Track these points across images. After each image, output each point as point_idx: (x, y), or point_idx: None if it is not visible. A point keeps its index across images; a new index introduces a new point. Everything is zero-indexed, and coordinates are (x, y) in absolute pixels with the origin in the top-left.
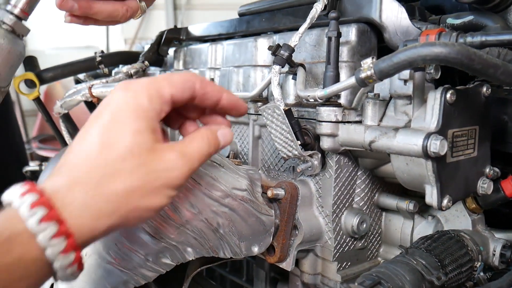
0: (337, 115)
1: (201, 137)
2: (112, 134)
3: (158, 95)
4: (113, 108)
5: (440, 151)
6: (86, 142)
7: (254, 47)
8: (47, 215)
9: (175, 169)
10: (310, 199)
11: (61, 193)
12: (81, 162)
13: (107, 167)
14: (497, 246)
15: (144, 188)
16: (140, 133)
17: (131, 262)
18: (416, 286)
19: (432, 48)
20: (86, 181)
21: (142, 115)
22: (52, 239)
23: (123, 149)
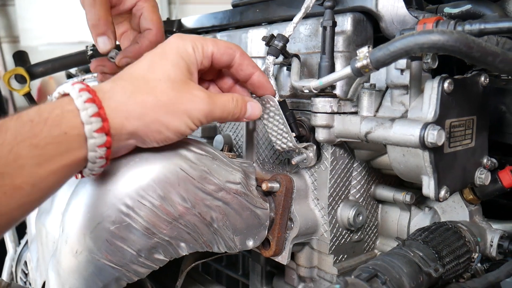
0: (332, 106)
1: (231, 96)
2: (157, 62)
3: (202, 49)
4: (164, 47)
5: (437, 141)
6: (137, 64)
7: (248, 38)
8: (90, 99)
9: (198, 102)
10: (305, 191)
11: (104, 90)
12: (127, 76)
13: (145, 82)
14: (495, 237)
15: (169, 107)
16: (179, 67)
17: (123, 258)
18: (414, 278)
19: (429, 36)
20: (126, 87)
21: (184, 57)
22: (91, 117)
23: (162, 73)
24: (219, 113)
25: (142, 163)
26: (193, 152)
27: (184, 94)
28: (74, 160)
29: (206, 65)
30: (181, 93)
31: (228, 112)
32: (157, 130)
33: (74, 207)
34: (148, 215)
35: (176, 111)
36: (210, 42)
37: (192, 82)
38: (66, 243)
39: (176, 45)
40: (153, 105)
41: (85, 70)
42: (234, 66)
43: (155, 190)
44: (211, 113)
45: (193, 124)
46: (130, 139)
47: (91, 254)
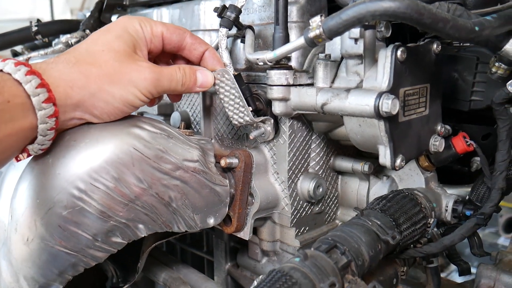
0: (288, 78)
1: (178, 67)
2: (100, 35)
3: (150, 27)
4: (110, 25)
5: (392, 110)
6: (83, 40)
7: (200, 10)
8: (29, 71)
9: (143, 72)
10: (265, 166)
11: (46, 64)
12: (70, 50)
13: (88, 53)
14: (449, 201)
15: (113, 76)
16: (123, 40)
17: (78, 243)
18: (372, 247)
19: (381, 3)
20: (68, 59)
21: (131, 32)
22: (36, 89)
23: (105, 44)
24: (167, 83)
25: (93, 144)
26: (147, 130)
27: (128, 65)
28: (19, 129)
29: (157, 44)
30: (125, 64)
31: (176, 81)
32: (103, 100)
33: (22, 192)
34: (103, 198)
35: (121, 80)
36: (159, 23)
37: (137, 55)
38: (16, 230)
39: (122, 21)
40: (97, 74)
41: (31, 48)
42: (186, 46)
43: (108, 172)
44: (158, 82)
45: (141, 94)
46: (76, 110)
47: (43, 241)
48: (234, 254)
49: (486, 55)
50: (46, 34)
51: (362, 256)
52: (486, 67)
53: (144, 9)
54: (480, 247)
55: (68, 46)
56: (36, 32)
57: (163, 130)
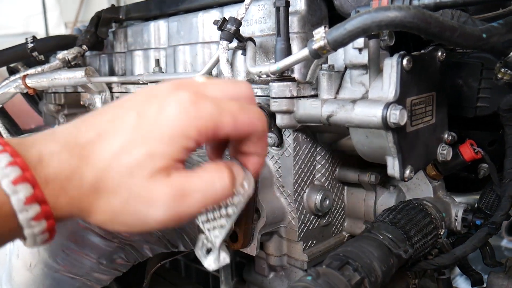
0: (291, 90)
1: (212, 180)
2: (133, 139)
3: (213, 133)
4: (160, 116)
5: (400, 121)
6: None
7: (199, 23)
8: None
9: (158, 208)
10: (270, 179)
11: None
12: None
13: (114, 178)
14: (459, 211)
15: (121, 213)
16: (154, 158)
17: (82, 267)
18: (384, 262)
19: (386, 13)
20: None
21: (176, 142)
22: (31, 221)
23: (126, 164)
24: (194, 212)
25: None
26: None
27: (140, 199)
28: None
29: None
30: (136, 197)
31: (199, 202)
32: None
33: None
34: None
35: (127, 219)
36: (227, 119)
37: (161, 176)
38: (18, 256)
39: (175, 124)
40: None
41: (27, 64)
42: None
43: None
44: (176, 217)
45: (154, 229)
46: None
47: (47, 267)
48: (240, 269)
49: (491, 61)
50: (42, 50)
51: (375, 272)
52: (491, 73)
53: (140, 23)
54: (493, 257)
55: (65, 63)
56: (32, 49)
57: None
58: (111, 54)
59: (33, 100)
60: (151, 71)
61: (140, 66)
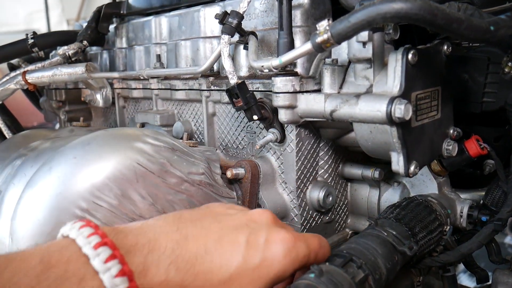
0: (294, 85)
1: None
2: (241, 277)
3: (300, 265)
4: (267, 254)
5: (405, 115)
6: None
7: (200, 17)
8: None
9: None
10: (272, 176)
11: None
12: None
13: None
14: (464, 207)
15: None
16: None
17: None
18: (389, 259)
19: (392, 5)
20: None
21: (275, 280)
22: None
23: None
24: None
25: (94, 160)
26: (150, 144)
27: None
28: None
29: None
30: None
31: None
32: None
33: (23, 214)
34: (106, 216)
35: None
36: (312, 257)
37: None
38: None
39: (278, 265)
40: None
41: (28, 60)
42: None
43: (111, 189)
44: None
45: None
46: None
47: None
48: None
49: (497, 55)
50: (42, 46)
51: (380, 270)
52: (497, 67)
53: (141, 18)
54: (499, 254)
55: (65, 58)
56: (33, 45)
57: (166, 142)
58: (112, 50)
59: (33, 97)
60: (152, 67)
61: (141, 62)
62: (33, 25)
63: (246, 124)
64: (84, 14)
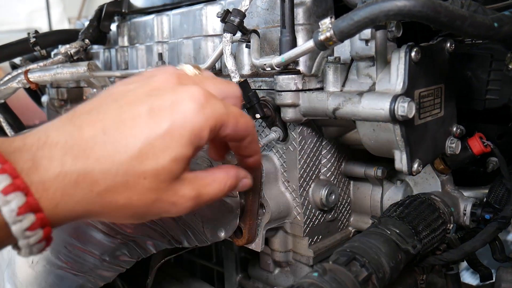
0: (297, 83)
1: (224, 183)
2: (154, 143)
3: (219, 130)
4: (175, 115)
5: (408, 113)
6: (129, 125)
7: (202, 15)
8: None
9: (179, 208)
10: (275, 174)
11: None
12: (105, 153)
13: (125, 175)
14: (467, 205)
15: (139, 213)
16: (178, 162)
17: (85, 264)
18: (392, 258)
19: (395, 2)
20: (96, 182)
21: (194, 144)
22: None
23: (152, 168)
24: (202, 204)
25: None
26: None
27: (167, 199)
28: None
29: None
30: (163, 198)
31: (214, 199)
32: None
33: None
34: None
35: (146, 215)
36: (232, 121)
37: (184, 177)
38: None
39: (192, 123)
40: (122, 207)
41: (30, 59)
42: (238, 145)
43: None
44: (190, 209)
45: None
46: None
47: (49, 263)
48: (245, 265)
49: (500, 52)
50: (44, 45)
51: (383, 268)
52: (500, 64)
53: (143, 16)
54: (502, 252)
55: (67, 57)
56: (34, 44)
57: None
58: (114, 48)
59: (35, 95)
60: (154, 65)
61: (143, 60)
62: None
63: None
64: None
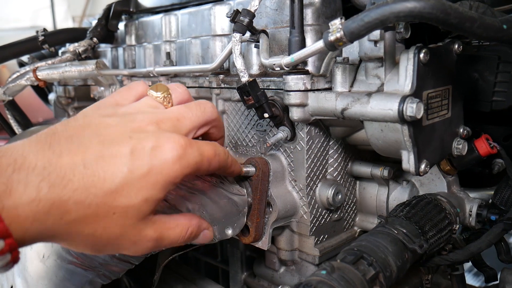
0: (305, 83)
1: (186, 229)
2: (129, 181)
3: (199, 169)
4: (156, 157)
5: (416, 114)
6: (109, 161)
7: (211, 15)
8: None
9: (139, 248)
10: (282, 173)
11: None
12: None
13: (96, 210)
14: (473, 206)
15: (101, 244)
16: (148, 203)
17: (95, 259)
18: (399, 257)
19: (405, 4)
20: (68, 212)
21: (167, 189)
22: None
23: (123, 205)
24: (162, 248)
25: None
26: None
27: (130, 237)
28: None
29: None
30: (126, 236)
31: (173, 243)
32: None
33: None
34: None
35: (106, 248)
36: (205, 165)
37: (149, 219)
38: (31, 247)
39: (170, 168)
40: (86, 236)
41: (38, 57)
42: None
43: None
44: (148, 251)
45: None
46: None
47: (60, 258)
48: (250, 264)
49: (508, 54)
50: (53, 43)
51: (390, 267)
52: (508, 66)
53: (151, 16)
54: (508, 253)
55: (75, 55)
56: (43, 42)
57: None
58: (121, 47)
59: (42, 93)
60: (162, 64)
61: (151, 59)
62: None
63: (256, 122)
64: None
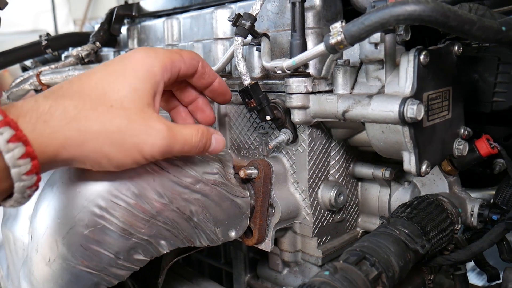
0: (307, 86)
1: (196, 129)
2: (113, 82)
3: (171, 67)
4: (126, 63)
5: (417, 116)
6: (87, 79)
7: (213, 19)
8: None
9: (155, 136)
10: (284, 175)
11: (40, 112)
12: (72, 94)
13: (93, 105)
14: (475, 206)
15: (116, 138)
16: (138, 92)
17: (100, 262)
18: (401, 257)
19: (405, 7)
20: (68, 109)
21: (149, 78)
22: (18, 160)
23: (116, 97)
24: (179, 148)
25: None
26: None
27: (138, 125)
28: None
29: (172, 82)
30: (134, 123)
31: (190, 146)
32: (96, 161)
33: (43, 212)
34: (124, 215)
35: (124, 143)
36: (177, 57)
37: (150, 110)
38: (37, 251)
39: (142, 62)
40: (97, 133)
41: (41, 62)
42: (196, 75)
43: (128, 188)
44: (168, 148)
45: (144, 159)
46: (67, 164)
47: (65, 261)
48: (253, 265)
49: (507, 55)
50: (56, 47)
51: (392, 267)
52: (508, 67)
53: (153, 20)
54: (510, 252)
55: (78, 59)
56: (46, 46)
57: None
58: (124, 51)
59: None
60: None
61: None
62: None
63: (258, 125)
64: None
